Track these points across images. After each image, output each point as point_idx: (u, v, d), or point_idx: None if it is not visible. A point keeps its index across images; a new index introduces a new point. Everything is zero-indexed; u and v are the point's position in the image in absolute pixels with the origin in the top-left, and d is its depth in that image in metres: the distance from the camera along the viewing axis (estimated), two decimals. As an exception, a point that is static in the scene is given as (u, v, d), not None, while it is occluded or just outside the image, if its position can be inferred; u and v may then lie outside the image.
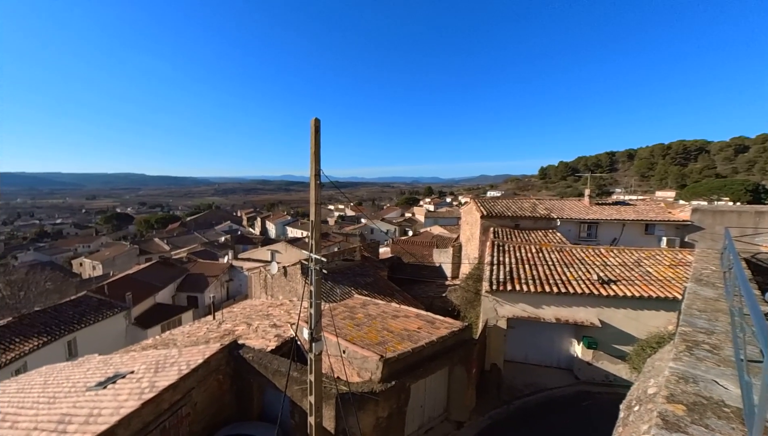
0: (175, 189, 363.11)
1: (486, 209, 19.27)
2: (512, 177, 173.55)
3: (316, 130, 5.45)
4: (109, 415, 5.90)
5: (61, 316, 17.92)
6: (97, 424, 5.74)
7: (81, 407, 6.56)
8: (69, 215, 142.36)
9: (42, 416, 6.62)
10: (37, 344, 15.33)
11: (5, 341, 15.01)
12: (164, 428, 6.53)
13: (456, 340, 9.22)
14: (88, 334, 18.06)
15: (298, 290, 16.45)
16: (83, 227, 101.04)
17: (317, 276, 5.93)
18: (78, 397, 7.23)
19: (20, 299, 20.55)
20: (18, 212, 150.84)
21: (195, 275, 31.49)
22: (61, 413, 6.49)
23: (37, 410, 7.11)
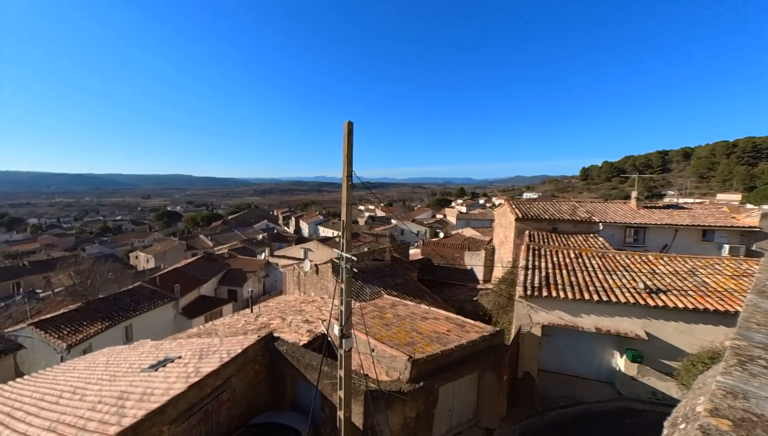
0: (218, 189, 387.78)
1: (521, 212, 18.58)
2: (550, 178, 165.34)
3: (349, 133, 5.62)
4: (160, 395, 6.48)
5: (120, 303, 19.87)
6: (150, 402, 6.32)
7: (136, 386, 7.26)
8: (127, 213, 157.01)
9: (105, 392, 7.40)
10: (100, 328, 17.13)
11: (75, 323, 16.94)
12: (207, 410, 7.05)
13: (487, 345, 9.01)
14: (142, 321, 19.86)
15: (329, 288, 16.93)
16: (139, 224, 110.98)
17: (348, 274, 6.10)
18: (134, 377, 8.00)
19: (87, 287, 23.09)
20: (86, 210, 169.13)
21: (235, 270, 33.42)
22: (120, 390, 7.23)
23: (100, 386, 7.96)
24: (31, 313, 19.85)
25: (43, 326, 15.93)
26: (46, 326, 16.03)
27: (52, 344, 15.35)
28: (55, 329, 16.07)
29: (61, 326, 16.34)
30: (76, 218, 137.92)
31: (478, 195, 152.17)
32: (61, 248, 66.02)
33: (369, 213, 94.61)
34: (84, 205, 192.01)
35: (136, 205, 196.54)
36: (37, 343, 15.46)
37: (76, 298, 21.80)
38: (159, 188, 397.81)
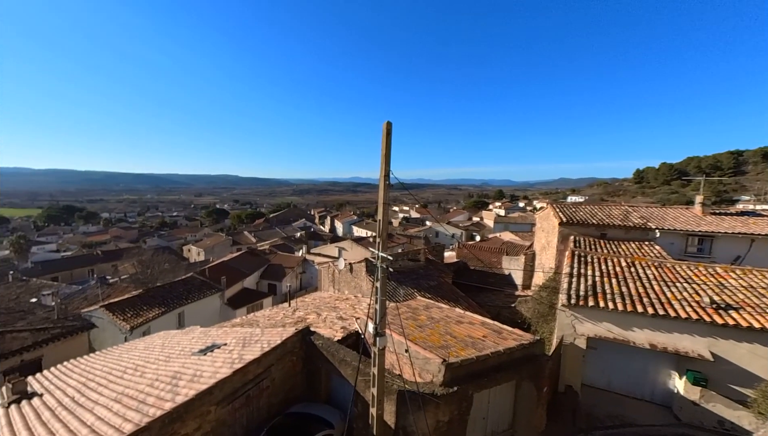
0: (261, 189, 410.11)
1: (566, 216, 17.50)
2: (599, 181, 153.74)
3: (388, 133, 5.68)
4: (208, 377, 7.01)
5: (174, 292, 21.75)
6: (199, 383, 6.85)
7: (188, 368, 7.90)
8: (182, 209, 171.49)
9: (161, 371, 8.15)
10: (157, 313, 18.89)
11: (137, 308, 18.84)
12: (249, 396, 7.49)
13: (525, 353, 8.61)
14: (192, 308, 21.57)
15: (363, 287, 17.17)
16: (191, 220, 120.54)
17: (383, 274, 6.17)
18: (185, 359, 8.72)
19: (147, 275, 25.59)
20: (147, 206, 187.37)
21: (275, 266, 35.09)
22: (174, 371, 7.92)
23: (157, 365, 8.77)
24: (102, 297, 22.39)
25: (112, 309, 17.91)
26: (113, 308, 18.00)
27: (118, 325, 17.21)
28: (120, 311, 17.99)
29: (125, 310, 18.27)
30: (139, 214, 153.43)
31: (518, 198, 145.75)
32: (127, 240, 73.71)
33: (403, 214, 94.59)
34: (146, 202, 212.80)
35: (189, 203, 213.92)
36: (106, 323, 17.41)
37: (138, 285, 24.25)
38: (209, 187, 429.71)
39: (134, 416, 5.85)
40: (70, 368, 10.32)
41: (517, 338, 9.33)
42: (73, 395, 7.56)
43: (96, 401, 6.89)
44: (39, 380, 9.38)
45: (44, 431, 6.04)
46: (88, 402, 6.95)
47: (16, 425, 6.57)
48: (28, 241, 71.56)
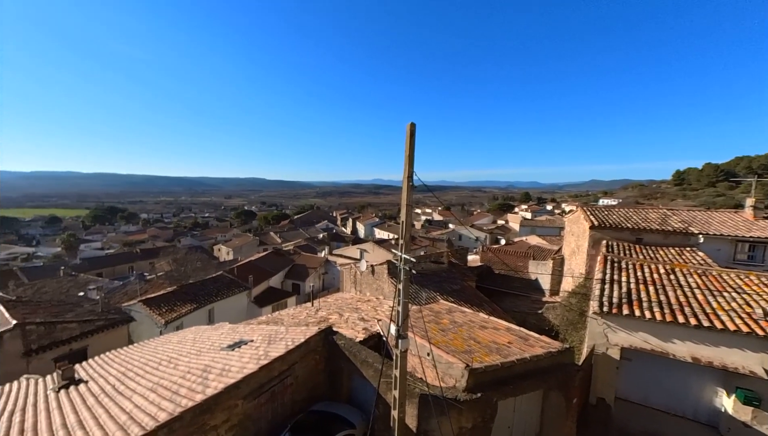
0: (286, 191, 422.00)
1: (597, 219, 16.69)
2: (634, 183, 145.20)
3: (411, 134, 5.67)
4: (236, 372, 7.26)
5: (205, 289, 22.78)
6: (228, 377, 7.11)
7: (217, 362, 8.24)
8: (213, 210, 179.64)
9: (192, 364, 8.55)
10: (190, 309, 19.85)
11: (171, 303, 19.89)
12: (274, 392, 7.69)
13: (553, 362, 8.27)
14: (221, 305, 22.48)
15: (384, 289, 17.19)
16: (222, 220, 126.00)
17: (406, 275, 6.14)
18: (215, 354, 9.09)
19: (181, 273, 27.01)
20: (182, 207, 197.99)
21: (299, 266, 35.91)
22: (204, 364, 8.27)
23: (189, 358, 9.21)
24: (140, 292, 23.83)
25: (149, 304, 19.02)
26: (150, 303, 19.12)
27: (154, 319, 18.24)
28: (156, 306, 19.07)
29: (161, 305, 19.34)
30: (174, 214, 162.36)
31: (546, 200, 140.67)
32: (163, 239, 78.12)
33: (426, 217, 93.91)
34: (180, 204, 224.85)
35: (220, 204, 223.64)
36: (144, 317, 18.51)
37: (173, 282, 25.61)
38: (238, 189, 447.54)
39: (168, 406, 6.16)
40: (112, 357, 11.06)
41: (545, 345, 8.97)
42: (114, 383, 8.09)
43: (134, 390, 7.32)
44: (85, 368, 10.11)
45: (89, 415, 6.50)
46: (127, 390, 7.40)
47: (65, 408, 7.12)
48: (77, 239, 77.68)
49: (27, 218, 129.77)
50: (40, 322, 14.04)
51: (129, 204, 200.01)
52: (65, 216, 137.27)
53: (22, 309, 15.27)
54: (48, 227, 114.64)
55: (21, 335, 13.11)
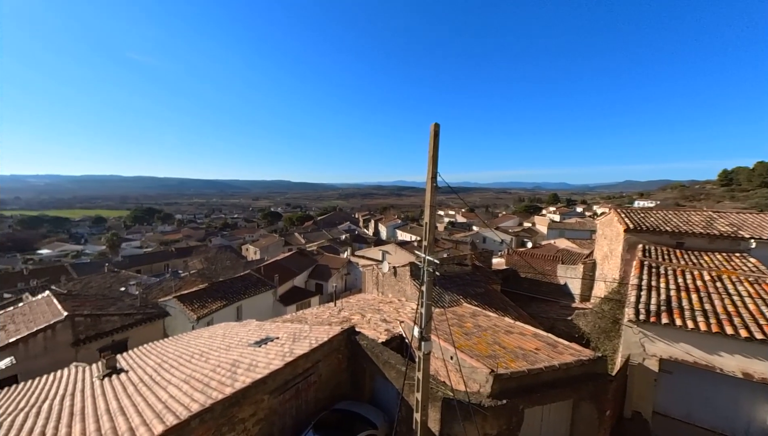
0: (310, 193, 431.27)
1: (633, 222, 15.76)
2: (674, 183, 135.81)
3: (435, 135, 5.64)
4: (263, 367, 7.50)
5: (234, 287, 23.70)
6: (255, 372, 7.36)
7: (245, 357, 8.54)
8: (241, 212, 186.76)
9: (222, 358, 8.91)
10: (220, 306, 20.73)
11: (203, 299, 20.86)
12: (298, 388, 7.87)
13: (584, 371, 7.88)
14: (249, 303, 23.30)
15: (407, 291, 17.12)
16: (249, 221, 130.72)
17: (429, 277, 6.09)
18: (243, 349, 9.43)
19: (212, 271, 28.29)
20: (213, 209, 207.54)
21: (322, 266, 36.53)
22: (233, 359, 8.61)
23: (219, 353, 9.61)
24: (175, 288, 25.18)
25: (182, 300, 20.05)
26: (184, 299, 20.15)
27: (187, 314, 19.20)
28: (189, 302, 20.07)
29: (193, 301, 20.34)
30: (206, 215, 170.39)
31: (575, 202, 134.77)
32: (195, 238, 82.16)
33: (449, 218, 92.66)
34: (212, 205, 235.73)
35: (248, 206, 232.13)
36: (178, 312, 19.53)
37: (204, 279, 26.86)
38: (265, 191, 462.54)
39: (200, 397, 6.46)
40: (149, 349, 11.75)
41: (575, 353, 8.58)
42: (151, 373, 8.59)
43: (169, 381, 7.74)
44: (125, 358, 10.82)
45: (129, 403, 6.94)
46: (163, 381, 7.84)
47: (108, 395, 7.64)
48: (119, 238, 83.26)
49: (76, 218, 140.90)
50: (87, 314, 15.18)
51: (165, 205, 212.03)
52: (109, 216, 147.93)
53: (71, 302, 16.58)
54: (94, 226, 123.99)
55: (71, 326, 14.24)
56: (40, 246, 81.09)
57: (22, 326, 14.28)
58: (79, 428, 6.16)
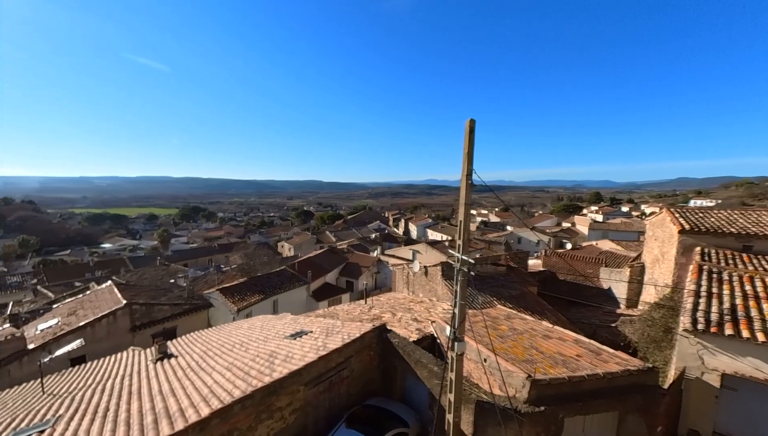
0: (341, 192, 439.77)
1: (689, 222, 14.37)
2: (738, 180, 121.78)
3: (471, 131, 5.51)
4: (299, 359, 7.78)
5: (270, 281, 24.79)
6: (291, 364, 7.65)
7: (281, 349, 8.91)
8: (277, 211, 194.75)
9: (261, 349, 9.36)
10: (258, 299, 21.79)
11: (243, 293, 22.04)
12: (331, 381, 8.08)
13: (632, 382, 7.33)
14: (284, 297, 24.26)
15: (437, 291, 16.90)
16: (284, 220, 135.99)
17: (463, 277, 5.97)
18: (279, 341, 9.84)
19: (251, 266, 29.81)
20: (251, 208, 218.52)
21: (352, 264, 37.09)
22: (270, 350, 9.01)
23: (258, 344, 10.10)
24: (218, 282, 26.81)
25: (224, 292, 21.32)
26: (225, 292, 21.41)
27: (228, 306, 20.38)
28: (230, 295, 21.29)
29: (234, 294, 21.55)
30: (245, 214, 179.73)
31: (620, 201, 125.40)
32: (236, 235, 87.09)
33: (481, 218, 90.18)
34: (250, 204, 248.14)
35: (282, 205, 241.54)
36: (220, 304, 20.80)
37: (243, 274, 28.35)
38: (299, 191, 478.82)
39: (241, 384, 6.84)
40: (195, 337, 12.63)
41: (621, 362, 8.00)
42: (197, 360, 9.23)
43: (213, 368, 8.27)
44: (174, 345, 11.71)
45: (178, 385, 7.51)
46: (208, 367, 8.39)
47: (160, 377, 8.32)
48: (169, 234, 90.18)
49: (133, 215, 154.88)
50: (142, 303, 16.64)
51: (209, 204, 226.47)
52: (160, 214, 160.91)
53: (129, 292, 18.25)
54: (148, 223, 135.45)
55: (129, 313, 15.69)
56: (103, 240, 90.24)
57: (89, 312, 15.97)
58: (136, 406, 6.77)
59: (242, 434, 6.30)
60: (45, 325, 15.63)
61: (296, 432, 7.32)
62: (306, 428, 7.56)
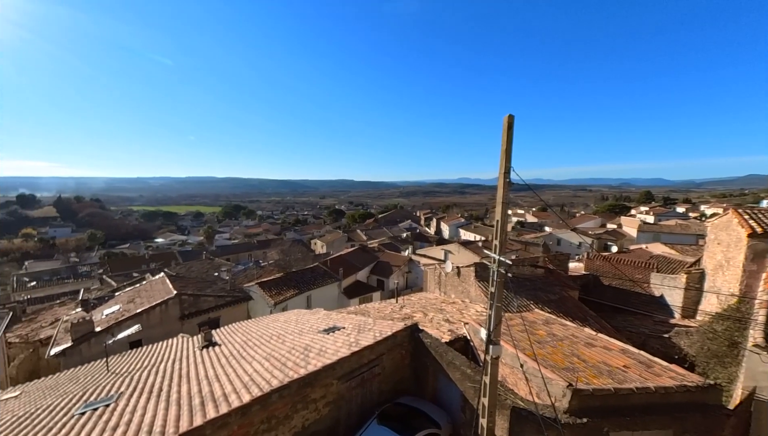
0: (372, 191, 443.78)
1: (761, 225, 12.77)
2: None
3: (509, 127, 5.32)
4: (332, 354, 7.98)
5: (305, 277, 25.66)
6: (325, 358, 7.86)
7: (315, 343, 9.18)
8: (310, 209, 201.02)
9: (296, 342, 9.72)
10: (293, 294, 22.65)
11: (279, 287, 23.02)
12: (363, 378, 8.19)
13: (690, 399, 6.68)
14: (317, 293, 25.00)
15: (470, 292, 16.50)
16: (317, 218, 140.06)
17: (500, 278, 5.79)
18: (314, 335, 10.15)
19: (286, 262, 31.05)
20: (287, 206, 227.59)
21: (383, 263, 37.29)
22: (305, 343, 9.33)
23: (293, 337, 10.50)
24: (256, 276, 28.25)
25: (262, 286, 22.41)
26: (264, 286, 22.50)
27: (266, 300, 21.39)
28: (268, 289, 22.34)
29: (271, 288, 22.58)
30: (281, 212, 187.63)
31: (675, 201, 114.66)
32: (273, 232, 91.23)
33: (518, 218, 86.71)
34: (286, 203, 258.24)
35: (315, 204, 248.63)
36: (258, 297, 21.89)
37: (280, 269, 29.60)
38: (331, 190, 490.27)
39: (278, 375, 7.15)
40: (236, 328, 13.40)
41: (676, 377, 7.31)
42: (239, 349, 9.78)
43: (253, 357, 8.73)
44: (218, 334, 12.50)
45: (222, 372, 8.01)
46: (248, 356, 8.87)
47: (206, 363, 8.93)
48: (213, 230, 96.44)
49: (181, 213, 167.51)
50: (190, 294, 17.94)
51: (249, 203, 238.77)
52: (206, 212, 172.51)
53: (179, 283, 19.76)
54: (195, 220, 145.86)
55: (179, 303, 16.99)
56: (157, 235, 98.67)
57: (145, 300, 17.53)
58: (185, 388, 7.32)
59: (279, 421, 6.59)
60: (109, 310, 17.41)
61: (329, 424, 7.52)
62: (338, 422, 7.74)
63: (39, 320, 22.57)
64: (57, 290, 33.83)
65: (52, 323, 20.58)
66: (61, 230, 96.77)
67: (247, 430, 6.12)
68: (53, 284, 37.74)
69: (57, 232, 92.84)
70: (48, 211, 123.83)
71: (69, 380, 10.37)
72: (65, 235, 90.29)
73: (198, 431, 5.49)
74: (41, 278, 41.06)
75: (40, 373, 16.14)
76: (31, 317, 23.65)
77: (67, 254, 67.24)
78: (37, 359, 17.52)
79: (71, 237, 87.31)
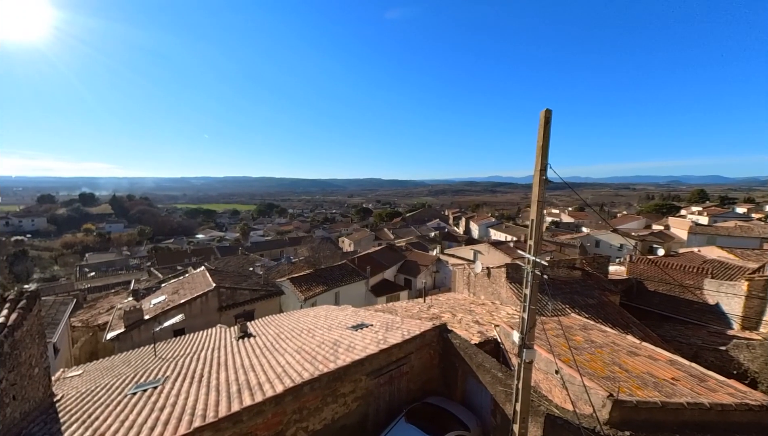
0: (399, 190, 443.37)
1: (843, 227, 11.26)
2: None
3: (546, 122, 5.08)
4: (360, 350, 8.09)
5: (333, 274, 26.19)
6: (353, 354, 7.99)
7: (344, 339, 9.35)
8: (338, 208, 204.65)
9: (325, 337, 9.96)
10: (322, 290, 23.21)
11: (309, 283, 23.67)
12: (391, 375, 8.23)
13: (752, 419, 6.04)
14: (345, 290, 25.41)
15: (501, 294, 16.01)
16: (345, 216, 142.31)
17: (535, 280, 5.56)
18: (342, 331, 10.34)
19: (316, 259, 31.88)
20: (316, 205, 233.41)
21: (410, 262, 37.15)
22: (334, 339, 9.53)
23: (323, 332, 10.76)
24: (288, 272, 29.23)
25: (293, 282, 23.17)
26: (295, 281, 23.25)
27: (297, 295, 22.09)
28: (299, 284, 23.05)
29: (302, 283, 23.28)
30: (311, 210, 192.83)
31: (734, 200, 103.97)
32: (303, 230, 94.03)
33: (552, 218, 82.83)
34: (315, 202, 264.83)
35: (343, 202, 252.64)
36: (289, 292, 22.65)
37: (309, 266, 30.44)
38: (358, 189, 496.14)
39: (309, 368, 7.37)
40: (269, 321, 13.97)
41: (736, 393, 6.65)
42: (272, 341, 10.20)
43: (285, 350, 9.06)
44: (253, 326, 13.10)
45: (257, 362, 8.39)
46: (280, 348, 9.22)
47: (242, 353, 9.39)
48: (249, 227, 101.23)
49: (220, 211, 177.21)
50: (228, 287, 18.95)
51: (281, 201, 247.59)
52: (241, 210, 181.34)
53: (217, 276, 20.93)
54: (231, 218, 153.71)
55: (217, 295, 18.00)
56: (198, 232, 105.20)
57: (187, 292, 18.75)
58: (224, 376, 7.75)
59: (310, 413, 6.80)
60: (156, 300, 18.84)
61: (358, 419, 7.64)
62: (367, 417, 7.84)
63: (97, 306, 24.94)
64: (112, 280, 37.20)
65: (108, 309, 22.66)
66: (115, 225, 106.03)
67: (280, 419, 6.37)
68: (109, 274, 41.55)
69: (112, 227, 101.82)
70: (105, 208, 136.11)
71: (122, 362, 11.35)
72: (119, 230, 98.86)
73: (235, 417, 5.79)
74: (99, 269, 45.32)
75: (98, 354, 17.86)
76: (90, 303, 26.20)
77: (120, 247, 73.69)
78: (96, 341, 19.38)
79: (124, 232, 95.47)
